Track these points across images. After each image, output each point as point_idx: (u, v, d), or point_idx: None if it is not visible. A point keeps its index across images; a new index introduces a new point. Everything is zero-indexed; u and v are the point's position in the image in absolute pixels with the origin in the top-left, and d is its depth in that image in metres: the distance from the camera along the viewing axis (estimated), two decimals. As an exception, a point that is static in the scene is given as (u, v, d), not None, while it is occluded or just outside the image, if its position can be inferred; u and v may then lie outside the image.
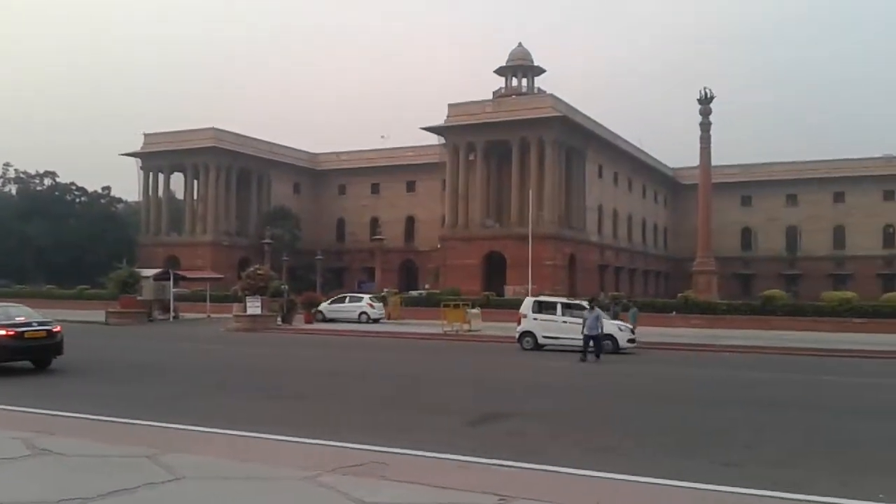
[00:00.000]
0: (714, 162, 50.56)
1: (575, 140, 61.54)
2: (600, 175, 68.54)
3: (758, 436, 10.15)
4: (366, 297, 42.12)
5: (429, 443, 8.71)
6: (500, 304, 44.05)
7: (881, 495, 6.75)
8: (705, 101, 46.22)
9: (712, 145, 48.04)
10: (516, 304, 41.11)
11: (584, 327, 20.88)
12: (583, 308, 24.53)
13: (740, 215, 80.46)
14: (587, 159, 64.48)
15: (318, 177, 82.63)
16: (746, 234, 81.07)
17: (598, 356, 20.56)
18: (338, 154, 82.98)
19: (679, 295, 43.49)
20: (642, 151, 76.96)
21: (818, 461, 8.51)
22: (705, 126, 47.07)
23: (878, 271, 72.85)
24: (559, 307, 24.78)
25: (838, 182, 76.30)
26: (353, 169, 79.97)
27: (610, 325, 23.69)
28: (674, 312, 39.23)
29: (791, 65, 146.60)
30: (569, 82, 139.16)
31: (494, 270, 58.70)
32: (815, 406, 13.37)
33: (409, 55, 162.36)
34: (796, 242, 78.68)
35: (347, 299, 41.57)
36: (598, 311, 21.39)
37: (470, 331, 31.96)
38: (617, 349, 23.35)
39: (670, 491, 6.83)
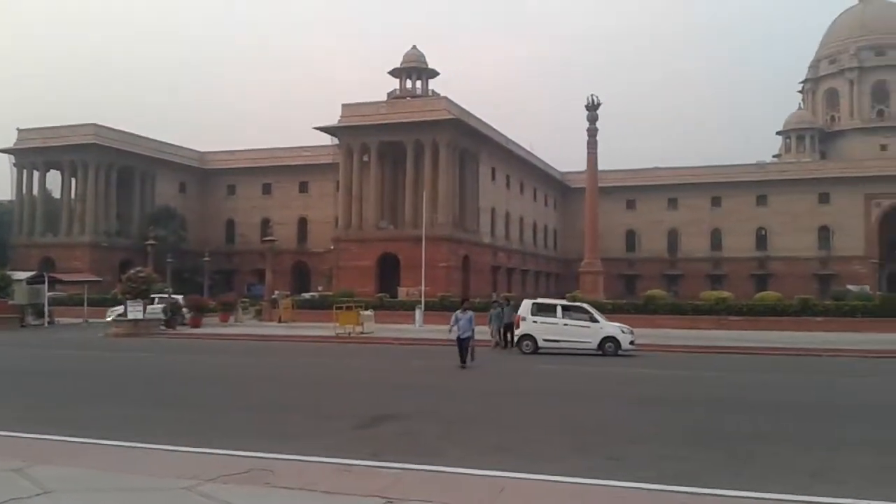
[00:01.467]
0: (601, 167, 52.17)
1: (469, 143, 62.21)
2: (493, 178, 69.56)
3: (642, 431, 10.52)
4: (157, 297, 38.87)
5: (318, 447, 8.55)
6: (394, 306, 44.06)
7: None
8: (592, 107, 47.59)
9: (600, 150, 49.58)
10: (410, 306, 41.48)
11: (457, 329, 19.05)
12: (584, 311, 24.14)
13: (626, 218, 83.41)
14: (480, 162, 65.30)
15: (206, 176, 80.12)
16: (631, 236, 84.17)
17: (463, 362, 18.94)
18: (227, 153, 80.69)
19: (567, 295, 44.63)
20: (533, 155, 78.64)
21: (694, 454, 8.88)
22: (592, 132, 48.49)
23: (752, 272, 77.19)
24: (559, 309, 24.17)
25: (715, 187, 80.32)
26: (243, 168, 77.99)
27: (612, 328, 23.59)
28: (562, 312, 40.22)
29: (674, 73, 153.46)
30: (462, 86, 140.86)
31: (389, 272, 58.58)
32: (701, 401, 13.98)
33: (304, 55, 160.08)
34: (677, 244, 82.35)
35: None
36: (470, 312, 19.63)
37: (363, 333, 31.74)
38: (617, 351, 22.99)
39: (555, 486, 6.97)
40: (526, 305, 24.32)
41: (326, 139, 65.95)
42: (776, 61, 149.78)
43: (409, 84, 71.51)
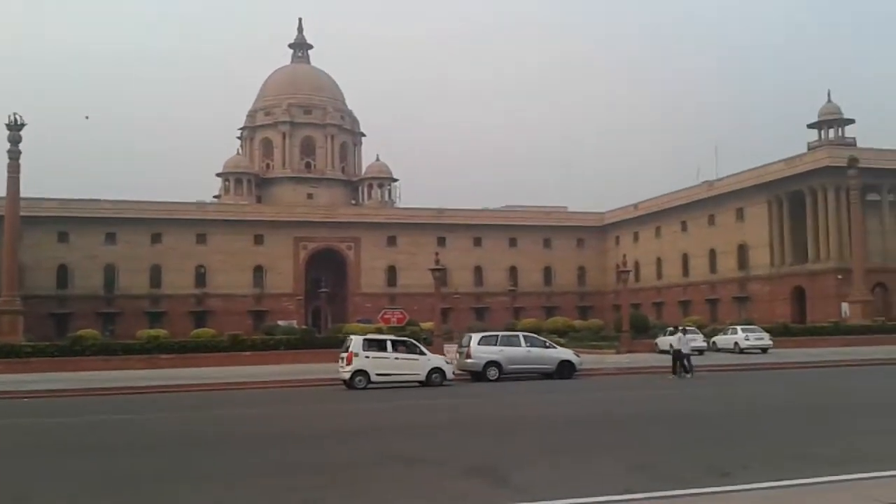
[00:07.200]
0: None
1: None
2: None
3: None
4: None
5: None
6: None
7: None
8: (15, 127, 42.58)
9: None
10: None
11: None
12: (412, 345, 25.58)
13: (58, 251, 76.54)
14: None
15: None
16: (63, 272, 77.48)
17: None
18: None
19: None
20: None
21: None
22: (14, 154, 43.27)
23: (191, 309, 77.80)
24: (389, 344, 25.04)
25: (156, 223, 79.16)
26: None
27: (438, 360, 25.40)
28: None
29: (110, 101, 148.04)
30: None
31: None
32: (106, 446, 12.92)
33: None
34: (115, 281, 78.56)
35: None
36: None
37: None
38: (442, 381, 24.65)
39: None
40: (357, 341, 24.74)
41: None
42: (219, 104, 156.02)
43: None
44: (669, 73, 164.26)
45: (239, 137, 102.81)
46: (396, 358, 24.62)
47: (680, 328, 30.04)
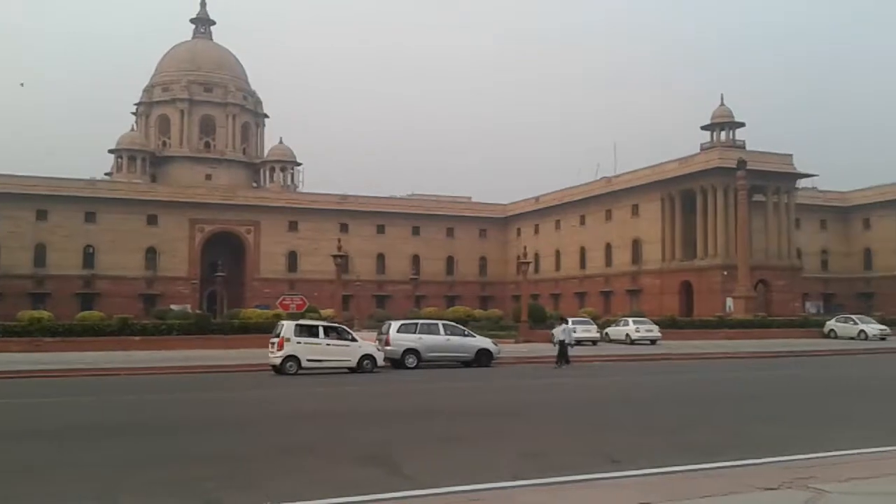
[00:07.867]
0: None
1: None
2: None
3: None
4: None
5: None
6: None
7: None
8: None
9: None
10: None
11: None
12: (344, 331, 25.37)
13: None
14: None
15: None
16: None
17: None
18: None
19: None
20: None
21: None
22: None
23: (78, 291, 74.35)
24: (321, 330, 24.70)
25: (41, 200, 74.88)
26: None
27: (369, 347, 25.02)
28: None
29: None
30: None
31: None
32: None
33: None
34: (-4, 260, 74.14)
35: None
36: None
37: None
38: (373, 368, 24.32)
39: None
40: (289, 326, 24.26)
41: None
42: (115, 78, 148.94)
43: None
44: (573, 71, 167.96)
45: (134, 113, 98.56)
46: (328, 344, 24.42)
47: (564, 319, 31.27)
